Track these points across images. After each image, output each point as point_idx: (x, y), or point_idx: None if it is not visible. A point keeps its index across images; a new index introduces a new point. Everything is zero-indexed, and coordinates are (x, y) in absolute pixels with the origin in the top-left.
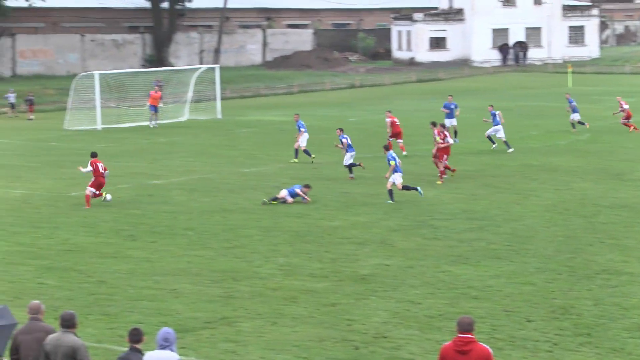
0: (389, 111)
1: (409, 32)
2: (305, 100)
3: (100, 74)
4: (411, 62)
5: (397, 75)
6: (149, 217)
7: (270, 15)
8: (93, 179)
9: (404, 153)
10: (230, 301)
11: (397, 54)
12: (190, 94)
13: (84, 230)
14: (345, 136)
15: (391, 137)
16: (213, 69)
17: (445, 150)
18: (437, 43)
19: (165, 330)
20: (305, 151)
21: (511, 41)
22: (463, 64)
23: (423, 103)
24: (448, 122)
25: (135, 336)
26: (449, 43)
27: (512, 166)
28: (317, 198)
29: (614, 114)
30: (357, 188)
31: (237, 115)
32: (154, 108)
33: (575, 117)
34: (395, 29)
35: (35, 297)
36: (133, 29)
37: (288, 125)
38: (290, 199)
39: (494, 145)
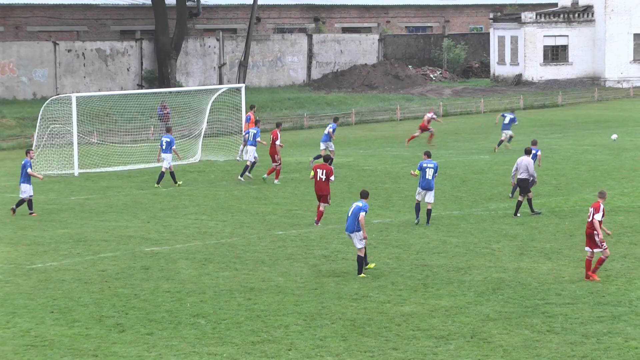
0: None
1: (514, 39)
2: (366, 135)
3: (79, 98)
4: (518, 81)
5: (497, 100)
6: (143, 299)
7: (318, 15)
8: None
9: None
10: None
11: (497, 69)
12: (204, 126)
13: (53, 317)
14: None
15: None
16: (237, 90)
17: None
18: (555, 54)
19: None
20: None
21: None
22: (592, 83)
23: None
24: None
25: None
26: (571, 54)
27: None
28: (381, 272)
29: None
30: (439, 259)
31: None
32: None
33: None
34: (496, 33)
35: None
36: (126, 35)
37: (343, 170)
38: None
39: None
